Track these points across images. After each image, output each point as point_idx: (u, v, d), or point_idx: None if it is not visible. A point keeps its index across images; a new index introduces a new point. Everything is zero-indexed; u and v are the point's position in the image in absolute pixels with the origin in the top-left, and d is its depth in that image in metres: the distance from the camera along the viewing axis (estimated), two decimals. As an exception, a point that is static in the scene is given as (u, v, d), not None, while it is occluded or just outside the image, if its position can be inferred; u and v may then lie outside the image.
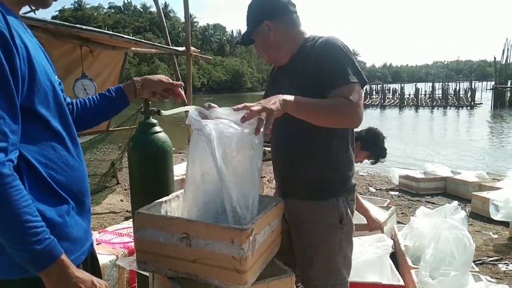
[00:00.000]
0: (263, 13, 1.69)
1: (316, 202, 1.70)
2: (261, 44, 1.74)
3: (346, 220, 1.72)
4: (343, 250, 1.74)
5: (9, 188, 0.89)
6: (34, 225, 0.93)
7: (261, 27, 1.68)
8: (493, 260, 3.47)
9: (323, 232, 1.70)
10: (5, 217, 0.90)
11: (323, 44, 1.61)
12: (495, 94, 32.52)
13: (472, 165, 9.32)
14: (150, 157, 1.76)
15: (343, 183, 1.73)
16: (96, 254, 1.37)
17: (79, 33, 3.32)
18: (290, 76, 1.70)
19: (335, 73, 1.53)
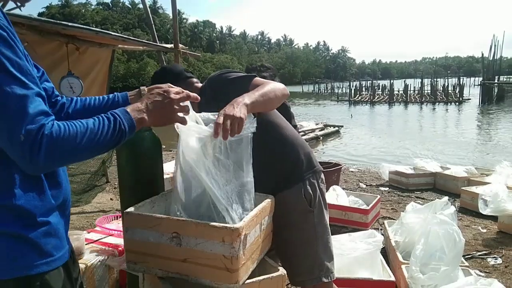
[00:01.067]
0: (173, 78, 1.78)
1: (282, 193, 1.76)
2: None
3: (316, 203, 1.78)
4: (319, 237, 1.79)
5: (70, 129, 0.95)
6: (102, 124, 1.02)
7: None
8: (482, 254, 3.51)
9: (297, 221, 1.77)
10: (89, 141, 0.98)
11: (207, 84, 1.83)
12: (483, 90, 32.90)
13: (461, 160, 9.41)
14: (139, 155, 1.73)
15: (299, 167, 1.80)
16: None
17: (65, 30, 3.26)
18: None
19: (238, 86, 1.66)
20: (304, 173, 1.81)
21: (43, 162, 0.91)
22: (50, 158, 0.92)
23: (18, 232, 0.96)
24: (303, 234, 1.77)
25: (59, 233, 1.07)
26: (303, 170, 1.81)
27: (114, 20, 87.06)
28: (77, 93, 3.63)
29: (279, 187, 1.78)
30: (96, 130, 1.00)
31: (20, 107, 0.89)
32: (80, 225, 4.19)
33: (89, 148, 0.99)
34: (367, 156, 10.35)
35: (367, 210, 4.05)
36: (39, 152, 0.90)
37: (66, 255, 1.10)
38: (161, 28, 73.90)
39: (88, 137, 0.98)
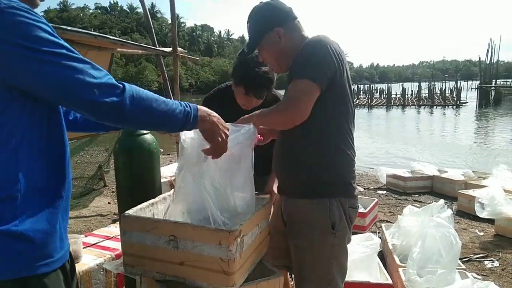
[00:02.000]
0: (271, 21, 1.68)
1: (310, 200, 1.66)
2: (270, 53, 1.72)
3: (340, 226, 1.66)
4: (335, 256, 1.69)
5: (147, 92, 1.09)
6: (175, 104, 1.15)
7: (270, 36, 1.68)
8: (479, 257, 3.52)
9: (314, 236, 1.66)
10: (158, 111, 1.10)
11: (303, 44, 1.63)
12: (480, 93, 33.05)
13: (458, 163, 9.44)
14: (137, 159, 1.75)
15: (338, 185, 1.68)
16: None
17: (63, 34, 3.27)
18: (290, 79, 1.69)
19: (293, 68, 1.62)
20: (340, 192, 1.69)
21: (129, 109, 1.02)
22: (135, 106, 1.03)
23: (18, 231, 0.96)
24: (317, 251, 1.68)
25: (60, 234, 1.08)
26: (341, 189, 1.70)
27: (113, 24, 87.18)
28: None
29: (308, 193, 1.68)
30: (169, 105, 1.13)
31: (97, 68, 1.00)
32: (77, 228, 4.19)
33: (162, 114, 1.11)
34: (364, 159, 10.35)
35: (365, 213, 4.06)
36: (125, 98, 1.01)
37: (65, 257, 1.11)
38: (160, 32, 73.99)
39: (162, 105, 1.10)
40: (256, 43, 1.70)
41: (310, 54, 1.58)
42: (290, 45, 1.68)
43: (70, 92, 0.96)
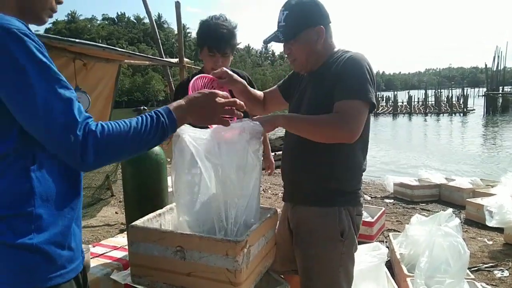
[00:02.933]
0: (317, 17, 1.64)
1: (319, 208, 1.67)
2: (304, 49, 1.67)
3: (348, 234, 1.67)
4: (344, 264, 1.69)
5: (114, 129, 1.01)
6: (145, 123, 1.06)
7: (311, 31, 1.64)
8: (488, 266, 3.48)
9: (323, 244, 1.67)
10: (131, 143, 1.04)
11: (350, 59, 1.61)
12: (487, 100, 32.83)
13: (466, 171, 9.37)
14: (144, 169, 1.76)
15: (347, 194, 1.70)
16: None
17: (72, 47, 3.32)
18: (313, 85, 1.70)
19: (346, 86, 1.54)
20: (346, 201, 1.70)
21: (93, 161, 0.97)
22: (99, 157, 0.98)
23: (33, 244, 0.98)
24: (325, 259, 1.68)
25: (74, 245, 1.10)
26: (348, 198, 1.71)
27: (120, 34, 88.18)
28: (84, 108, 3.68)
29: (317, 201, 1.69)
30: (139, 128, 1.05)
31: (67, 110, 0.95)
32: (85, 238, 4.20)
33: (134, 145, 1.05)
34: (371, 168, 10.31)
35: (372, 222, 4.04)
36: (88, 152, 0.96)
37: (79, 267, 1.12)
38: (166, 42, 74.65)
39: (132, 135, 1.03)
40: (296, 33, 1.64)
41: (364, 74, 1.56)
42: (324, 47, 1.68)
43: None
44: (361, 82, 1.54)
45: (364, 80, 1.55)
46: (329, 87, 1.59)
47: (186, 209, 1.49)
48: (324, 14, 1.66)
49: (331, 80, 1.59)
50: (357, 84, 1.54)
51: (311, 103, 1.68)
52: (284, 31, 1.64)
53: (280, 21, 1.65)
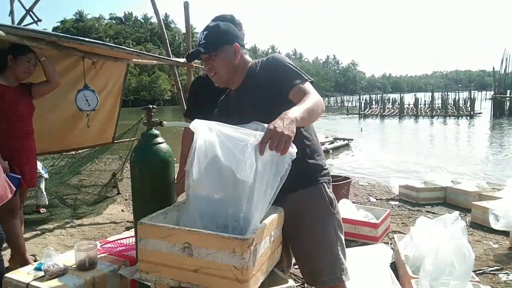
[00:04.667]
0: (233, 36, 1.83)
1: (308, 189, 1.81)
2: (224, 64, 1.83)
3: (335, 205, 1.86)
4: (339, 237, 1.84)
5: None
6: None
7: (227, 48, 1.81)
8: (493, 270, 3.47)
9: (321, 223, 1.81)
10: None
11: (267, 61, 1.83)
12: (494, 103, 32.61)
13: (472, 174, 9.33)
14: (153, 167, 1.79)
15: (323, 167, 1.89)
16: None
17: (81, 46, 3.36)
18: (250, 95, 1.83)
19: (289, 75, 1.74)
20: (324, 177, 1.88)
21: None
22: None
23: None
24: (325, 235, 1.81)
25: None
26: (324, 174, 1.89)
27: (127, 34, 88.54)
28: (93, 106, 3.72)
29: (302, 182, 1.80)
30: None
31: None
32: (92, 235, 4.25)
33: None
34: (377, 169, 10.30)
35: (377, 224, 4.04)
36: None
37: None
38: (173, 42, 74.82)
39: None
40: (216, 46, 1.80)
41: (293, 64, 1.80)
42: (242, 63, 1.87)
43: None
44: (296, 68, 1.77)
45: (296, 66, 1.79)
46: (266, 89, 1.76)
47: (193, 207, 1.51)
48: (239, 36, 1.86)
49: (263, 81, 1.78)
50: (295, 71, 1.76)
51: (258, 110, 1.74)
52: (205, 46, 1.81)
53: (201, 40, 1.84)
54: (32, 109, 3.20)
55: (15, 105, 3.02)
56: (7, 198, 2.25)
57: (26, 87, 3.18)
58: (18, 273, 2.15)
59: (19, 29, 3.06)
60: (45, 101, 3.54)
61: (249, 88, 1.84)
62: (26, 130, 3.12)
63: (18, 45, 2.92)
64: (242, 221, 1.49)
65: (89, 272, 2.14)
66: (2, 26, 2.69)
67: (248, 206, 1.46)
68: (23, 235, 3.27)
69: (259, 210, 1.45)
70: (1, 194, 2.17)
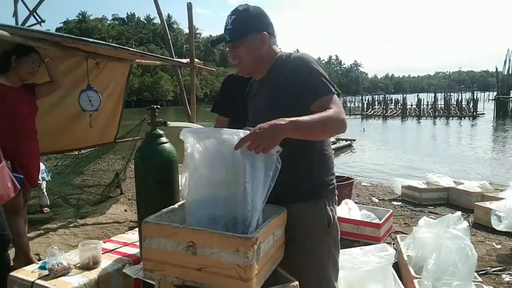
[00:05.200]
0: (262, 24, 1.73)
1: (307, 204, 1.73)
2: (249, 53, 1.74)
3: (333, 224, 1.78)
4: (331, 255, 1.78)
5: None
6: None
7: (255, 37, 1.71)
8: (496, 270, 3.47)
9: (314, 238, 1.74)
10: None
11: (297, 60, 1.71)
12: (497, 104, 32.57)
13: (474, 175, 9.31)
14: (157, 167, 1.80)
15: (328, 184, 1.79)
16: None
17: (85, 46, 3.37)
18: (268, 90, 1.77)
19: (315, 84, 1.63)
20: (329, 193, 1.79)
21: None
22: None
23: None
24: (317, 253, 1.75)
25: None
26: (330, 190, 1.79)
27: (129, 35, 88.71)
28: (96, 107, 3.74)
29: (303, 196, 1.74)
30: None
31: None
32: (95, 235, 4.26)
33: None
34: (379, 170, 10.30)
35: (380, 224, 4.05)
36: None
37: None
38: (176, 43, 74.92)
39: None
40: (242, 35, 1.70)
41: (323, 70, 1.67)
42: (268, 53, 1.75)
43: None
44: (324, 77, 1.65)
45: (323, 75, 1.66)
46: (285, 90, 1.67)
47: (198, 207, 1.52)
48: (269, 24, 1.76)
49: (286, 84, 1.67)
50: (323, 81, 1.64)
51: (272, 108, 1.70)
52: (231, 33, 1.71)
53: (227, 25, 1.72)
54: (35, 109, 3.21)
55: (17, 106, 3.03)
56: (9, 197, 2.26)
57: (29, 88, 3.19)
58: (23, 271, 2.16)
59: (23, 30, 3.09)
60: (48, 101, 3.56)
61: (270, 83, 1.77)
62: (29, 130, 3.14)
63: (22, 45, 2.93)
64: (239, 220, 1.49)
65: (93, 271, 2.16)
66: (6, 27, 2.71)
67: (244, 204, 1.46)
68: (27, 235, 3.29)
69: (255, 206, 1.47)
70: (2, 194, 2.19)
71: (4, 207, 2.44)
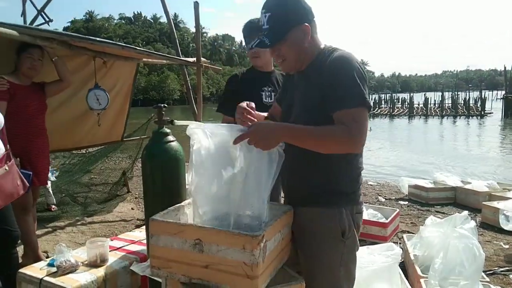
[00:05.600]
0: (301, 14, 1.58)
1: (319, 209, 1.65)
2: (293, 50, 1.60)
3: (349, 234, 1.67)
4: (344, 264, 1.68)
5: None
6: None
7: (296, 31, 1.57)
8: (504, 270, 3.44)
9: (324, 245, 1.66)
10: None
11: (338, 60, 1.55)
12: (505, 103, 32.28)
13: (482, 174, 9.24)
14: (164, 165, 1.81)
15: (348, 194, 1.68)
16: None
17: (92, 45, 3.40)
18: (304, 86, 1.66)
19: (342, 93, 1.49)
20: (348, 202, 1.68)
21: None
22: None
23: None
24: (325, 259, 1.67)
25: None
26: (350, 199, 1.69)
27: (136, 34, 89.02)
28: (103, 105, 3.76)
29: (317, 201, 1.66)
30: None
31: None
32: (102, 233, 4.29)
33: None
34: (386, 169, 10.25)
35: (386, 223, 4.03)
36: None
37: None
38: (182, 42, 75.05)
39: None
40: (282, 35, 1.56)
41: (359, 79, 1.50)
42: (311, 44, 1.62)
43: None
44: (357, 87, 1.48)
45: (358, 84, 1.49)
46: (319, 89, 1.55)
47: (205, 204, 1.53)
48: (307, 10, 1.59)
49: (321, 83, 1.55)
50: (353, 90, 1.48)
51: (303, 105, 1.63)
52: (269, 35, 1.57)
53: (263, 24, 1.58)
54: (44, 107, 3.24)
55: (26, 104, 3.06)
56: (19, 195, 2.28)
57: (39, 86, 3.22)
58: (31, 268, 2.19)
59: (32, 29, 3.11)
60: (56, 99, 3.59)
61: (307, 79, 1.64)
62: (38, 128, 3.17)
63: (22, 43, 2.96)
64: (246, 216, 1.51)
65: (101, 268, 2.18)
66: (15, 26, 2.74)
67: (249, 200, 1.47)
68: (35, 232, 3.32)
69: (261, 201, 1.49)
70: (12, 192, 2.21)
71: (13, 204, 2.46)
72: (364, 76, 1.53)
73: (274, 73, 2.69)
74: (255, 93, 2.51)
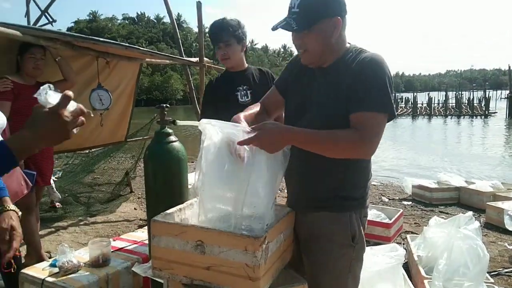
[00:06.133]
0: (335, 7, 1.47)
1: (331, 214, 1.62)
2: (320, 41, 1.50)
3: (359, 238, 1.64)
4: (352, 270, 1.66)
5: None
6: None
7: (327, 23, 1.47)
8: (508, 271, 3.41)
9: (334, 252, 1.63)
10: None
11: (368, 62, 1.48)
12: (510, 103, 32.10)
13: (486, 174, 9.19)
14: (166, 165, 1.80)
15: (358, 199, 1.65)
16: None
17: (95, 46, 3.40)
18: (327, 83, 1.56)
19: (366, 95, 1.43)
20: (357, 206, 1.65)
21: None
22: None
23: None
24: (336, 268, 1.64)
25: None
26: (359, 203, 1.66)
27: (139, 34, 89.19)
28: (106, 105, 3.76)
29: (328, 205, 1.62)
30: None
31: None
32: (105, 233, 4.30)
33: None
34: (389, 169, 10.21)
35: (390, 224, 4.01)
36: None
37: None
38: (185, 42, 75.11)
39: None
40: (311, 23, 1.45)
41: (386, 82, 1.45)
42: (338, 41, 1.53)
43: None
44: (384, 92, 1.43)
45: (386, 89, 1.44)
46: (344, 90, 1.48)
47: (210, 201, 1.52)
48: (342, 3, 1.49)
49: (347, 84, 1.48)
50: (379, 95, 1.42)
51: (321, 105, 1.56)
52: (298, 19, 1.45)
53: (293, 6, 1.46)
54: (49, 108, 3.24)
55: (31, 103, 3.05)
56: (23, 194, 2.29)
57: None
58: (34, 269, 2.19)
59: (35, 30, 3.12)
60: (59, 100, 3.59)
61: (332, 77, 1.55)
62: (42, 128, 3.17)
63: (24, 43, 2.97)
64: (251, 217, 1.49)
65: (103, 269, 2.18)
66: (18, 26, 2.74)
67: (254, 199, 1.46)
68: (38, 232, 3.32)
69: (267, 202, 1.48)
70: (17, 191, 2.21)
71: (16, 204, 2.46)
72: (391, 81, 1.48)
73: (248, 70, 2.62)
74: (231, 95, 2.47)
